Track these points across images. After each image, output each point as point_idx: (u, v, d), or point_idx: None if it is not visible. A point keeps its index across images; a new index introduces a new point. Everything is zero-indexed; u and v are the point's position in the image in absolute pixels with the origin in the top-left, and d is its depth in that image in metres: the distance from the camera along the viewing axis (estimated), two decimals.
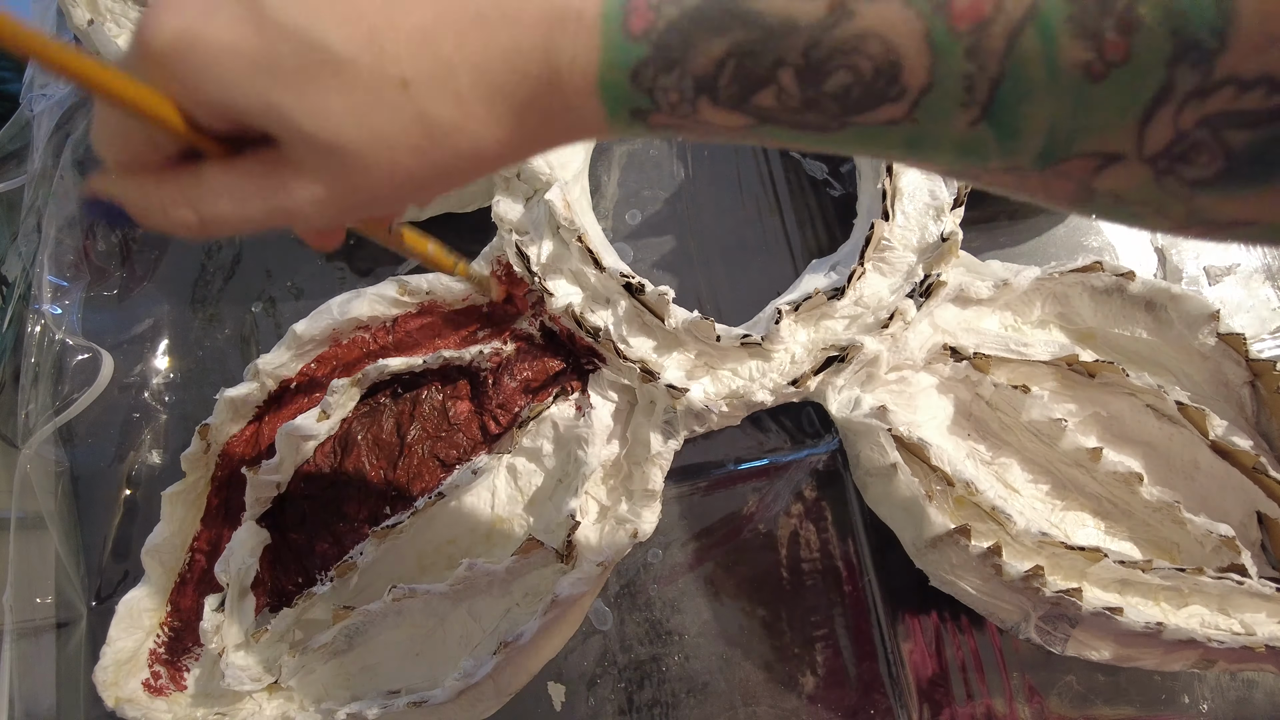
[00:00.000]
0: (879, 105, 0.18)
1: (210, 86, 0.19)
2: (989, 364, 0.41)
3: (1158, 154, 0.17)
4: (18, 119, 0.54)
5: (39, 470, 0.46)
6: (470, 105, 0.20)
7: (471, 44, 0.20)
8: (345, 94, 0.19)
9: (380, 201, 0.21)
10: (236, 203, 0.21)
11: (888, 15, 0.18)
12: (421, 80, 0.19)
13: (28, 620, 0.45)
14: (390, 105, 0.19)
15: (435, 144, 0.20)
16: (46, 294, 0.49)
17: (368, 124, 0.19)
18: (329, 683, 0.40)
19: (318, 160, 0.20)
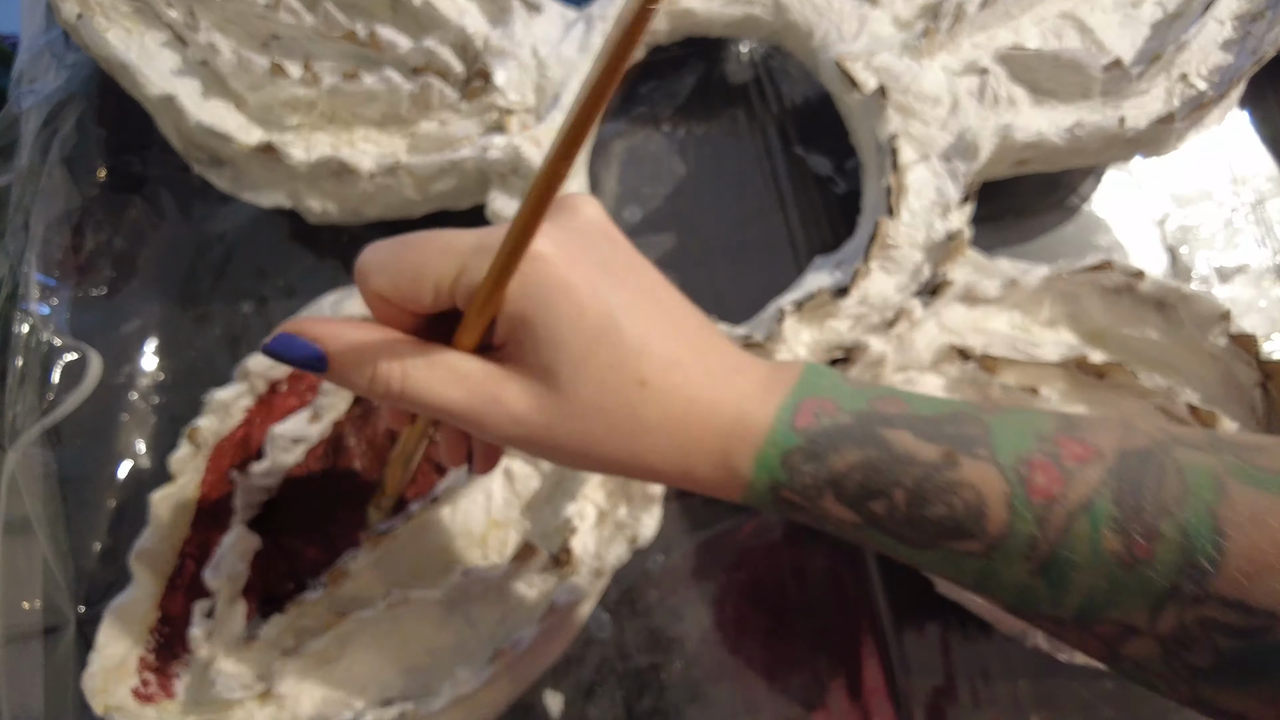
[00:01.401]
0: (964, 538, 0.23)
1: (544, 307, 0.23)
2: (997, 365, 0.40)
3: (1166, 636, 0.21)
4: (5, 115, 0.53)
5: (26, 473, 0.45)
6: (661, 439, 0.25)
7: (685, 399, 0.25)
8: (607, 369, 0.24)
9: (558, 458, 0.25)
10: (448, 385, 0.24)
11: (983, 474, 0.23)
12: (652, 396, 0.24)
13: (14, 626, 0.44)
14: (622, 400, 0.24)
15: (619, 449, 0.25)
16: (34, 293, 0.48)
17: (603, 400, 0.24)
18: (322, 690, 0.39)
19: (548, 399, 0.24)
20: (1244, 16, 0.45)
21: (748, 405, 0.25)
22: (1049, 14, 0.46)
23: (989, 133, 0.41)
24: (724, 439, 0.25)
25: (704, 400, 0.25)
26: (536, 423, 0.24)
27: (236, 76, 0.43)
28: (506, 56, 0.44)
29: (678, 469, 0.25)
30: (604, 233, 0.26)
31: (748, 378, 0.26)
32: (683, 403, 0.24)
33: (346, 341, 0.24)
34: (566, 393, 0.24)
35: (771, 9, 0.44)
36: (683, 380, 0.24)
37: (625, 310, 0.24)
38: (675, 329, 0.25)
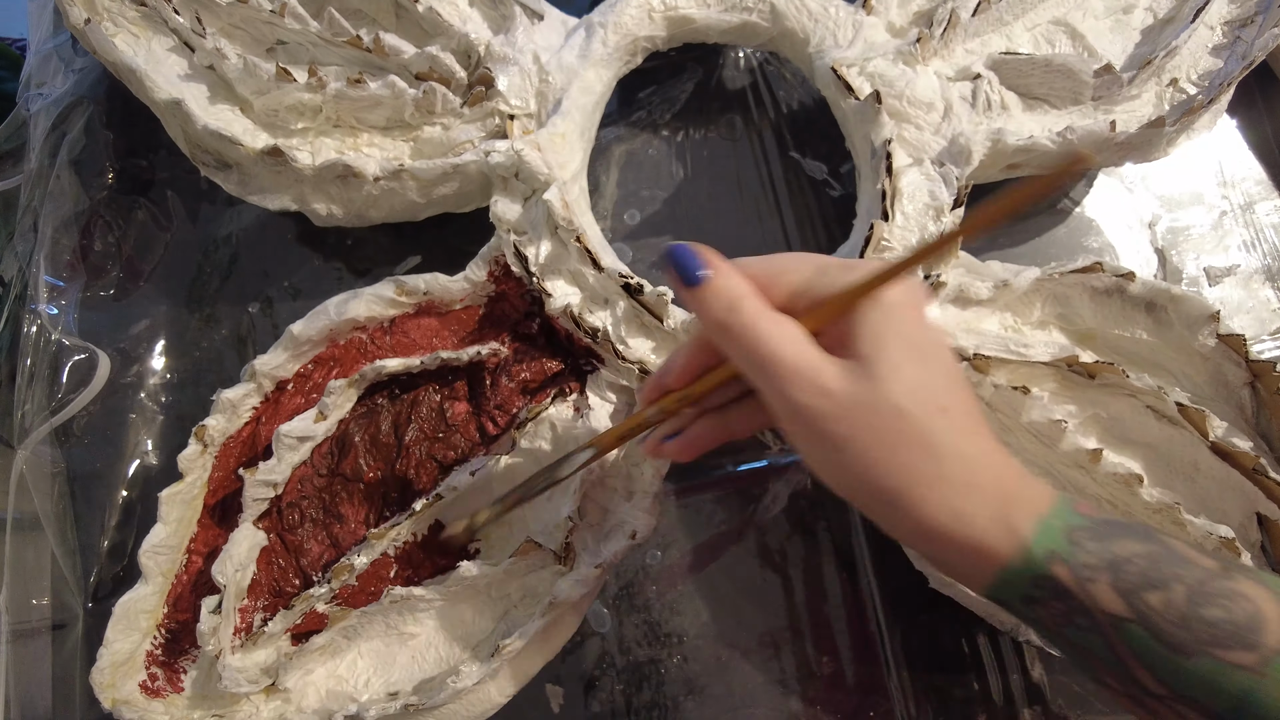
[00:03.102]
0: (1237, 647, 0.23)
1: None
2: (989, 365, 0.41)
3: None
4: (14, 118, 0.53)
5: (35, 471, 0.46)
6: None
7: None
8: (919, 382, 0.26)
9: (838, 454, 0.26)
10: (784, 340, 0.26)
11: (1258, 591, 0.24)
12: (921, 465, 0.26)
13: (23, 622, 0.44)
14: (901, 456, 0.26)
15: (890, 502, 0.26)
16: (43, 294, 0.49)
17: (907, 403, 0.25)
18: (326, 684, 0.40)
19: (860, 384, 0.26)
20: (1234, 22, 0.46)
21: (1025, 479, 0.26)
22: (1041, 20, 0.46)
23: (981, 137, 0.41)
24: (1007, 497, 0.25)
25: (994, 456, 0.26)
26: (840, 400, 0.25)
27: (243, 81, 0.44)
28: (509, 63, 0.44)
29: (949, 509, 0.25)
30: (925, 304, 0.29)
31: (1016, 463, 0.27)
32: (975, 447, 0.26)
33: (728, 275, 0.27)
34: (878, 384, 0.25)
35: (768, 16, 0.45)
36: (977, 432, 0.26)
37: (942, 350, 0.27)
38: (965, 391, 0.27)
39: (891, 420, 0.25)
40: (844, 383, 0.25)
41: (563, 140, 0.43)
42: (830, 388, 0.25)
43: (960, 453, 0.25)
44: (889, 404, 0.25)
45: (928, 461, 0.25)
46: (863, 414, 0.25)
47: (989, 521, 0.25)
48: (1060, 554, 0.25)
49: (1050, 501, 0.26)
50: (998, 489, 0.25)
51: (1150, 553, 0.24)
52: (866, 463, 0.25)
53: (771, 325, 0.26)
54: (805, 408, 0.26)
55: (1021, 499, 0.25)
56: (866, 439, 0.25)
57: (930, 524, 0.25)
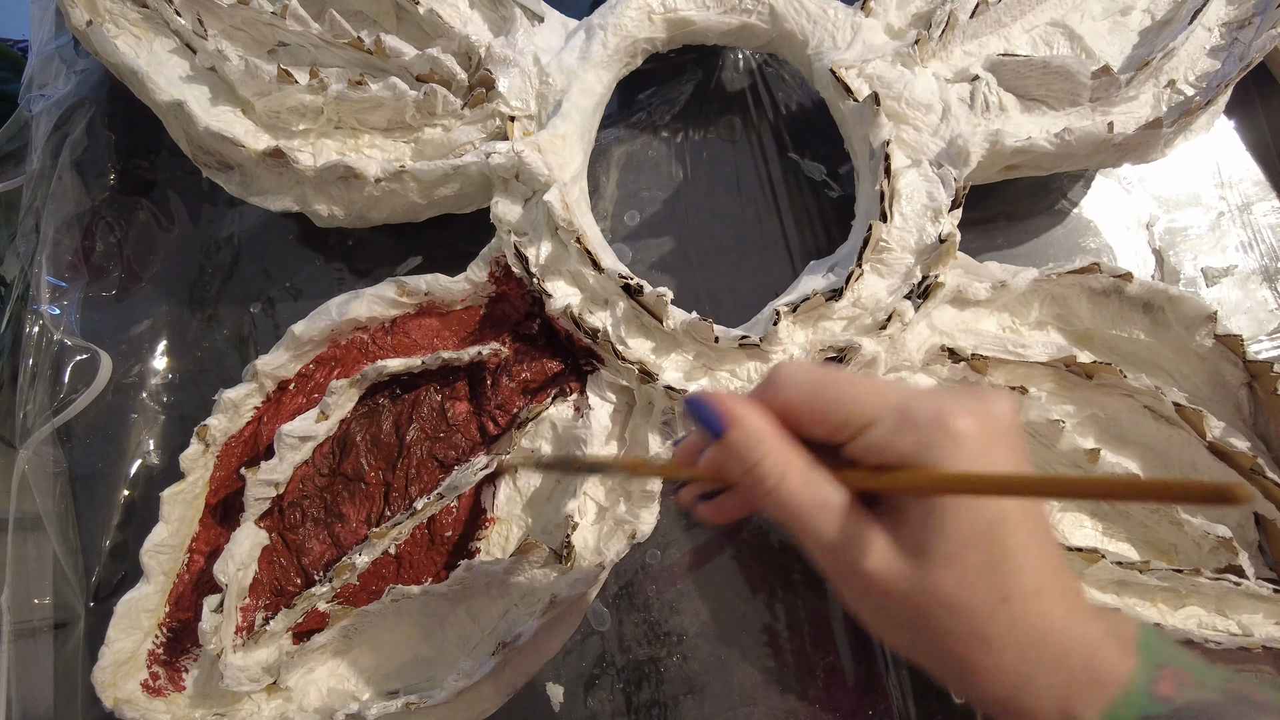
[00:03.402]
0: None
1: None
2: (987, 365, 0.41)
3: None
4: (16, 119, 0.54)
5: (37, 471, 0.46)
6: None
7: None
8: (977, 571, 0.23)
9: (883, 625, 0.25)
10: (818, 508, 0.24)
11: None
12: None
13: (25, 621, 0.45)
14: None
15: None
16: (45, 294, 0.49)
17: (962, 595, 0.23)
18: (327, 683, 0.40)
19: (909, 570, 0.23)
20: (1231, 24, 0.46)
21: (1101, 654, 0.24)
22: (1039, 22, 0.46)
23: (979, 139, 0.42)
24: (1069, 685, 0.23)
25: (1057, 640, 0.24)
26: (886, 587, 0.24)
27: (244, 83, 0.44)
28: (509, 64, 0.45)
29: (1006, 697, 0.24)
30: (1012, 440, 0.24)
31: (1101, 623, 0.25)
32: (1036, 635, 0.24)
33: (750, 425, 0.24)
34: (930, 574, 0.23)
35: (767, 18, 0.45)
36: (1042, 614, 0.24)
37: (1014, 524, 0.23)
38: (1047, 552, 0.24)
39: (941, 610, 0.23)
40: (893, 567, 0.23)
41: (563, 141, 0.43)
42: (875, 571, 0.23)
43: (1017, 642, 0.23)
44: (940, 597, 0.23)
45: (981, 653, 0.23)
46: (912, 604, 0.23)
47: (1047, 712, 0.23)
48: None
49: (1124, 685, 0.23)
50: (1061, 679, 0.23)
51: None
52: (922, 646, 0.24)
53: (799, 488, 0.24)
54: (840, 581, 0.24)
55: (1086, 685, 0.23)
56: (919, 625, 0.24)
57: (984, 700, 0.24)
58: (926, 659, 0.25)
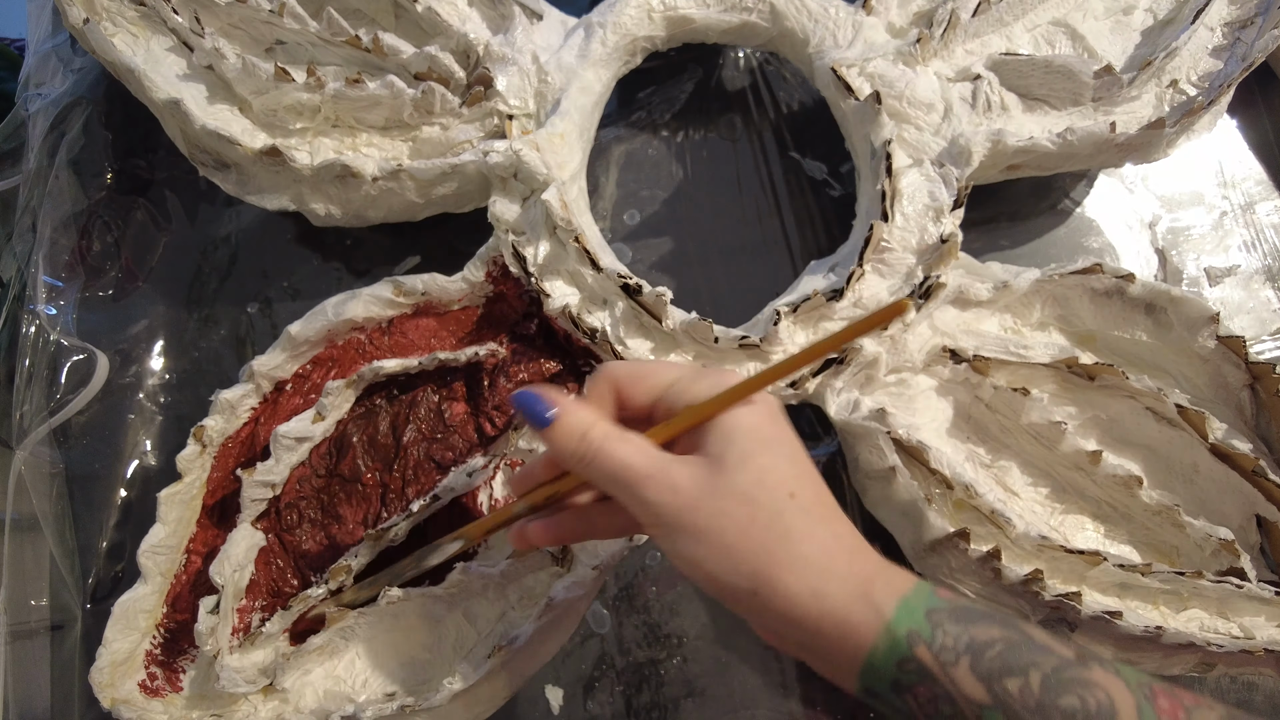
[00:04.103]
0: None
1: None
2: (988, 366, 0.41)
3: None
4: (13, 118, 0.53)
5: (34, 471, 0.46)
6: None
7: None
8: (766, 469, 0.27)
9: (695, 546, 0.27)
10: (633, 453, 0.27)
11: (1113, 682, 0.24)
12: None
13: (22, 622, 0.44)
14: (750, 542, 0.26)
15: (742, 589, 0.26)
16: (41, 294, 0.49)
17: (756, 491, 0.27)
18: (324, 685, 0.40)
19: (708, 477, 0.27)
20: (1234, 23, 0.46)
21: (885, 564, 0.27)
22: (1041, 21, 0.46)
23: (981, 138, 0.41)
24: (866, 576, 0.26)
25: (849, 539, 0.27)
26: (690, 494, 0.26)
27: (242, 81, 0.44)
28: (507, 63, 0.44)
29: (809, 588, 0.25)
30: (776, 404, 0.29)
31: (871, 558, 0.27)
32: (830, 528, 0.27)
33: (574, 408, 0.28)
34: (725, 475, 0.26)
35: (768, 16, 0.45)
36: (828, 515, 0.27)
37: (790, 445, 0.28)
38: (816, 483, 0.28)
39: (742, 506, 0.26)
40: (694, 478, 0.27)
41: (561, 140, 0.43)
42: (680, 484, 0.26)
43: (814, 534, 0.26)
44: (738, 491, 0.26)
45: (782, 544, 0.26)
46: (714, 503, 0.26)
47: (850, 599, 0.25)
48: (921, 634, 0.25)
49: (910, 583, 0.26)
50: (856, 569, 0.26)
51: (1008, 638, 0.25)
52: (724, 550, 0.26)
53: (619, 442, 0.27)
54: (659, 505, 0.27)
55: (880, 579, 0.26)
56: (720, 526, 0.26)
57: (793, 605, 0.26)
58: (732, 571, 0.26)
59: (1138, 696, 0.24)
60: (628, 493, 0.27)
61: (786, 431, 0.28)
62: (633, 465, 0.27)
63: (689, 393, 0.28)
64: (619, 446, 0.27)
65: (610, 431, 0.28)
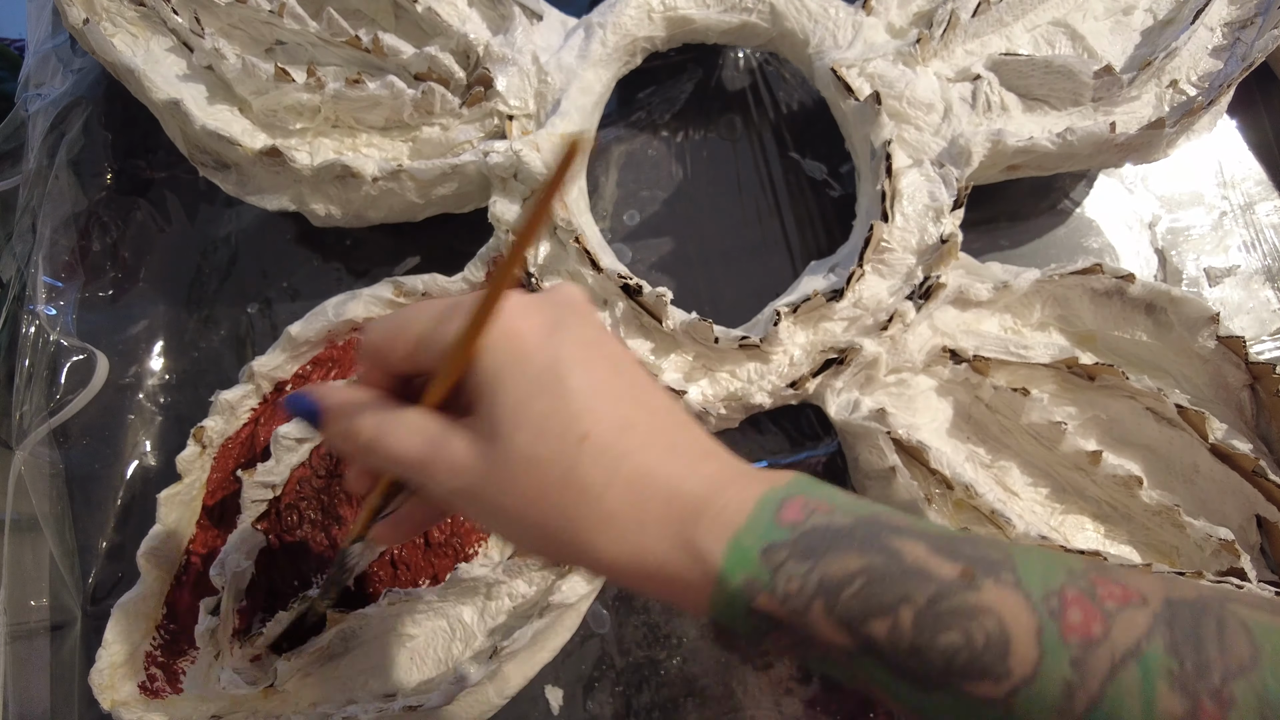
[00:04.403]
0: (981, 678, 0.19)
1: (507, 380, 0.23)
2: (988, 366, 0.41)
3: None
4: (12, 118, 0.53)
5: (33, 472, 0.46)
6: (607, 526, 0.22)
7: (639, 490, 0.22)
8: (544, 417, 0.22)
9: (496, 522, 0.23)
10: (407, 438, 0.23)
11: (1008, 601, 0.19)
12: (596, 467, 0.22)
13: (21, 623, 0.44)
14: (561, 477, 0.22)
15: (556, 536, 0.22)
16: (41, 294, 0.49)
17: (539, 448, 0.22)
18: (324, 686, 0.39)
19: (486, 448, 0.22)
20: (1234, 23, 0.46)
21: (720, 487, 0.22)
22: (1041, 21, 0.46)
23: (981, 138, 0.41)
24: (687, 520, 0.21)
25: (663, 473, 0.22)
26: (473, 472, 0.22)
27: (241, 81, 0.44)
28: (507, 63, 0.44)
29: (627, 550, 0.22)
30: (575, 307, 0.24)
31: (721, 464, 0.23)
32: (636, 469, 0.22)
33: (336, 399, 0.25)
34: (502, 440, 0.22)
35: (768, 16, 0.45)
36: (637, 446, 0.22)
37: (575, 364, 0.22)
38: (634, 397, 0.23)
39: (527, 473, 0.22)
40: (470, 452, 0.23)
41: (561, 140, 0.43)
42: (459, 462, 0.23)
43: (617, 482, 0.22)
44: (517, 456, 0.22)
45: (581, 503, 0.22)
46: (497, 478, 0.22)
47: (671, 550, 0.21)
48: (759, 581, 0.21)
49: (746, 510, 0.21)
50: (675, 508, 0.22)
51: (871, 568, 0.20)
52: (525, 526, 0.22)
53: (391, 427, 0.24)
54: (446, 490, 0.23)
55: (706, 514, 0.21)
56: (515, 502, 0.22)
57: (615, 568, 0.22)
58: (547, 542, 0.23)
59: (1040, 614, 0.19)
60: (417, 483, 0.24)
61: (569, 339, 0.23)
62: (406, 453, 0.23)
63: (441, 338, 0.23)
64: (389, 434, 0.24)
65: (377, 419, 0.24)
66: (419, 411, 0.24)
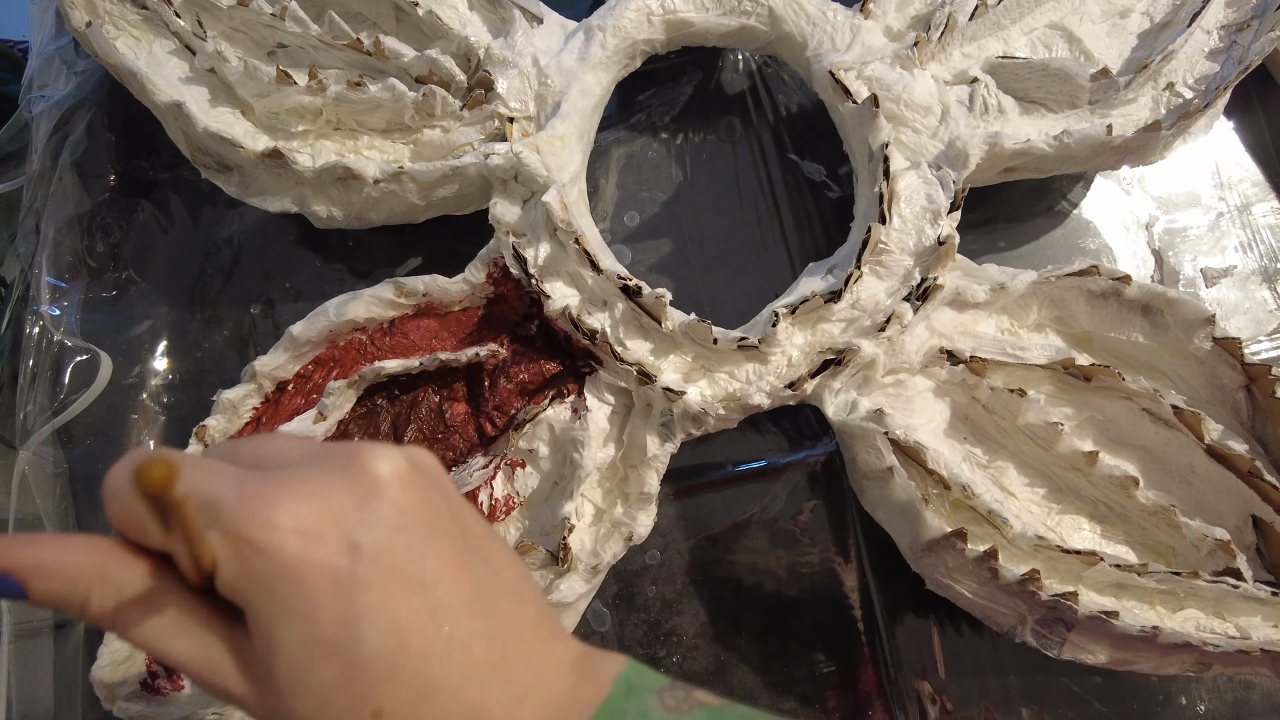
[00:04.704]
0: None
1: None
2: (985, 367, 0.41)
3: None
4: (16, 120, 0.54)
5: (37, 471, 0.46)
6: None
7: None
8: (333, 689, 0.19)
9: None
10: (168, 634, 0.20)
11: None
12: None
13: (25, 622, 0.45)
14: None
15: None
16: (45, 295, 0.49)
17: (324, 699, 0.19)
18: None
19: (265, 700, 0.19)
20: (1230, 26, 0.46)
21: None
22: (1038, 24, 0.46)
23: (978, 141, 0.42)
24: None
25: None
26: (254, 708, 0.20)
27: (243, 84, 0.44)
28: (508, 66, 0.45)
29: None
30: (382, 497, 0.20)
31: (538, 701, 0.21)
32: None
33: (49, 567, 0.19)
34: (281, 699, 0.19)
35: (766, 20, 0.45)
36: (439, 712, 0.19)
37: (377, 616, 0.19)
38: (452, 632, 0.20)
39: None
40: (248, 691, 0.20)
41: (562, 143, 0.43)
42: (234, 693, 0.20)
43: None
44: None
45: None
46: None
47: None
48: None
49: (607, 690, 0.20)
50: None
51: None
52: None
53: (141, 614, 0.19)
54: (234, 703, 0.20)
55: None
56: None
57: None
58: None
59: None
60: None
61: (375, 569, 0.19)
62: (176, 660, 0.20)
63: (215, 523, 0.19)
64: (143, 627, 0.20)
65: (122, 594, 0.19)
66: (182, 595, 0.20)
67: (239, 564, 0.19)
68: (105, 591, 0.19)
